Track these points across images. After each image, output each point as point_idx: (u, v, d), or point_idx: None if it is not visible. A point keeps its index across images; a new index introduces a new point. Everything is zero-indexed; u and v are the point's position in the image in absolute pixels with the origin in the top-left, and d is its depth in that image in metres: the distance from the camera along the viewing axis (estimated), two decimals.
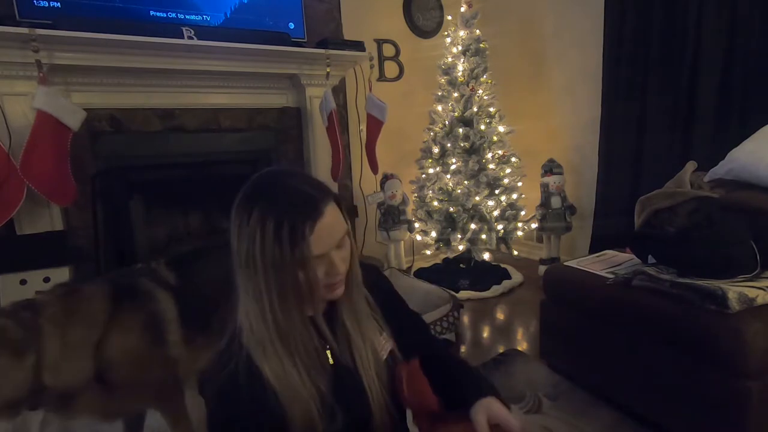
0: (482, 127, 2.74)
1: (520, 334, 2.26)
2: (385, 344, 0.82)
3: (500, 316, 2.46)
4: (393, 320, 0.85)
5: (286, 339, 0.70)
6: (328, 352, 0.76)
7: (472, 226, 2.74)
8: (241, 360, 0.70)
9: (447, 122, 2.82)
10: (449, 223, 2.81)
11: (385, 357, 0.81)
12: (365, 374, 0.76)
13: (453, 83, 2.81)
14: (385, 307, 0.85)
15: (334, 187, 2.80)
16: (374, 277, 0.87)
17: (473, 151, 2.75)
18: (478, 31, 2.81)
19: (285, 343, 0.70)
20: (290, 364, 0.70)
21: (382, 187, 2.93)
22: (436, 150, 2.84)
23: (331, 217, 0.68)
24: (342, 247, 0.72)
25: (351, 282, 0.76)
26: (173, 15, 2.25)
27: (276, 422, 0.69)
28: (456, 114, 2.79)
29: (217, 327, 1.34)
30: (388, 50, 3.17)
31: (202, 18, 2.32)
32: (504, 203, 2.78)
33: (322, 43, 2.56)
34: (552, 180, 2.82)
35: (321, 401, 0.71)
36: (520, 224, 2.85)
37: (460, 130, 2.74)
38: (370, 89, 2.78)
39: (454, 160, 2.77)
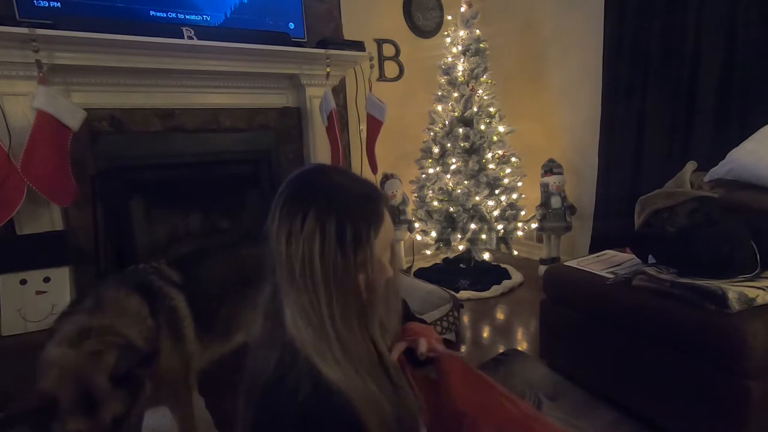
0: (482, 127, 2.74)
1: (520, 334, 2.26)
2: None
3: (500, 316, 2.46)
4: None
5: (349, 353, 0.63)
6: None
7: (472, 226, 2.74)
8: (305, 377, 0.62)
9: (447, 122, 2.82)
10: (449, 223, 2.81)
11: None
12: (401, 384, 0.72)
13: (453, 83, 2.81)
14: None
15: None
16: None
17: (473, 151, 2.75)
18: (478, 31, 2.82)
19: (348, 357, 0.63)
20: (355, 374, 0.63)
21: (382, 187, 2.93)
22: (436, 150, 2.84)
23: (388, 219, 0.67)
24: (388, 250, 0.70)
25: (391, 285, 0.73)
26: (173, 15, 2.25)
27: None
28: (456, 114, 2.79)
29: (219, 327, 1.36)
30: (388, 50, 3.17)
31: (202, 18, 2.32)
32: (504, 203, 2.78)
33: (322, 43, 2.56)
34: (552, 180, 2.82)
35: (390, 414, 0.65)
36: (520, 224, 2.85)
37: (460, 130, 2.74)
38: (370, 89, 2.78)
39: (454, 160, 2.77)
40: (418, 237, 3.01)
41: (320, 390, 0.61)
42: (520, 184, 2.86)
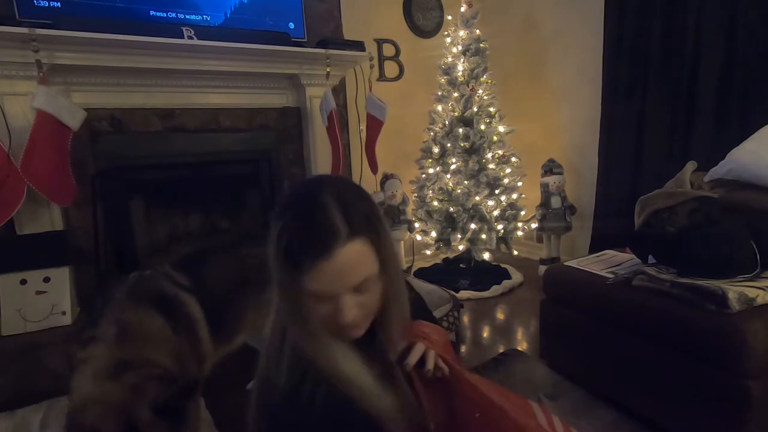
0: (482, 127, 2.74)
1: (520, 334, 2.26)
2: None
3: (500, 316, 2.46)
4: None
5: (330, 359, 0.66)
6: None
7: (472, 226, 2.74)
8: (316, 376, 0.65)
9: (447, 122, 2.82)
10: (449, 223, 2.81)
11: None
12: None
13: (453, 83, 2.81)
14: None
15: None
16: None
17: (473, 151, 2.75)
18: (478, 31, 2.82)
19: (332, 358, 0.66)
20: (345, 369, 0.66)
21: (382, 187, 2.93)
22: (436, 150, 2.84)
23: (346, 259, 0.60)
24: (362, 292, 0.64)
25: (387, 329, 0.70)
26: (173, 15, 2.25)
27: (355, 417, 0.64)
28: (456, 114, 2.79)
29: (226, 328, 1.36)
30: (388, 50, 3.17)
31: (202, 18, 2.32)
32: (504, 203, 2.78)
33: (322, 43, 2.56)
34: (552, 180, 2.82)
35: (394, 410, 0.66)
36: (520, 224, 2.85)
37: (460, 130, 2.74)
38: (370, 89, 2.78)
39: (454, 160, 2.77)
40: (418, 237, 3.01)
41: (325, 384, 0.64)
42: (520, 184, 2.86)
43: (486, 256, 2.92)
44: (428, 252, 3.10)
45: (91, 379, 1.00)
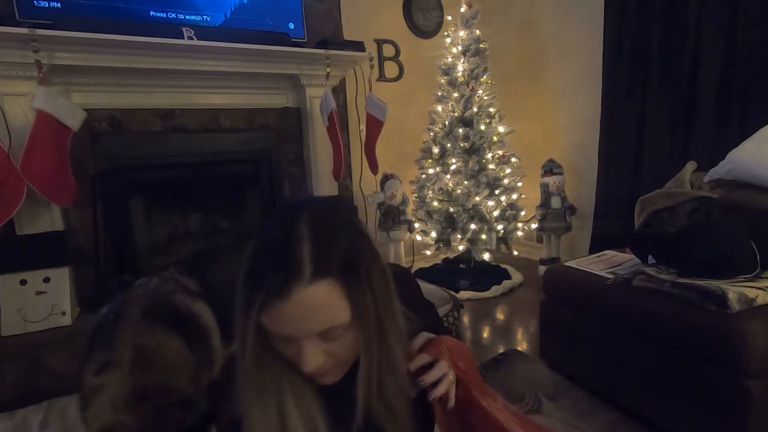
0: (482, 127, 2.74)
1: (520, 334, 2.26)
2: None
3: (500, 316, 2.46)
4: None
5: (261, 386, 0.61)
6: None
7: (472, 226, 2.74)
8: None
9: (447, 122, 2.82)
10: (449, 223, 2.81)
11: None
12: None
13: (453, 83, 2.81)
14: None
15: (334, 187, 2.80)
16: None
17: (473, 151, 2.75)
18: (478, 32, 2.82)
19: (260, 391, 0.62)
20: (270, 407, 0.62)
21: (382, 187, 2.93)
22: (436, 150, 2.84)
23: (308, 303, 0.52)
24: (329, 340, 0.56)
25: (360, 385, 0.61)
26: (173, 15, 2.25)
27: None
28: (456, 114, 2.79)
29: (232, 330, 1.35)
30: (388, 50, 3.17)
31: (202, 18, 2.32)
32: (504, 203, 2.78)
33: (322, 43, 2.56)
34: (552, 180, 2.82)
35: None
36: (520, 224, 2.85)
37: (460, 130, 2.74)
38: (370, 89, 2.78)
39: (454, 160, 2.77)
40: (418, 237, 3.01)
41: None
42: (520, 184, 2.86)
43: (486, 256, 2.92)
44: (428, 252, 3.10)
45: (111, 408, 0.98)
